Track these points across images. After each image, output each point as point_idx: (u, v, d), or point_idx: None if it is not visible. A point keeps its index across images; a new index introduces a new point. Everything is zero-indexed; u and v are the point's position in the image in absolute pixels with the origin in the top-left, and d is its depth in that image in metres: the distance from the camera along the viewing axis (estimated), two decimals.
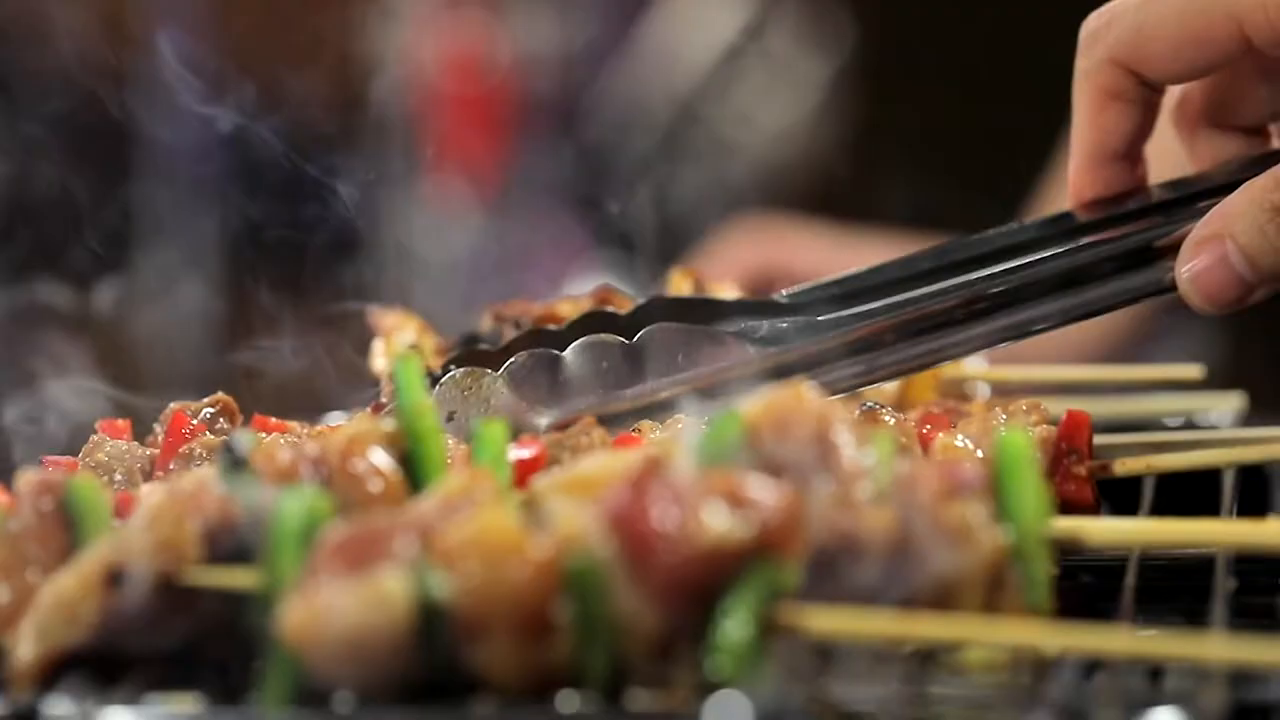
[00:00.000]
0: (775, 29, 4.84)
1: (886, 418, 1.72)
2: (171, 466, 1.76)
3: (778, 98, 4.81)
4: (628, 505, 1.38)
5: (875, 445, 1.50)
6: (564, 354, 1.85)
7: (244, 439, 1.56)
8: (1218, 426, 2.22)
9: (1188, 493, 1.90)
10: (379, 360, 2.05)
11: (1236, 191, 1.70)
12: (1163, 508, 1.89)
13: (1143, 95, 1.80)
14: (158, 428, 1.84)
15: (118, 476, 1.76)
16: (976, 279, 1.80)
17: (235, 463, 1.54)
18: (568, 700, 1.39)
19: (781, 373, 1.81)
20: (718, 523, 1.37)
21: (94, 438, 1.79)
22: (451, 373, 1.84)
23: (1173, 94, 1.84)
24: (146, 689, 1.46)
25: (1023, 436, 1.47)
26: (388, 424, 1.57)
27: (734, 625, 1.36)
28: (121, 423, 1.85)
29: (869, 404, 1.74)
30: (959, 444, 1.69)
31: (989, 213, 2.07)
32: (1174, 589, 1.67)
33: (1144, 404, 2.19)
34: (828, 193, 4.57)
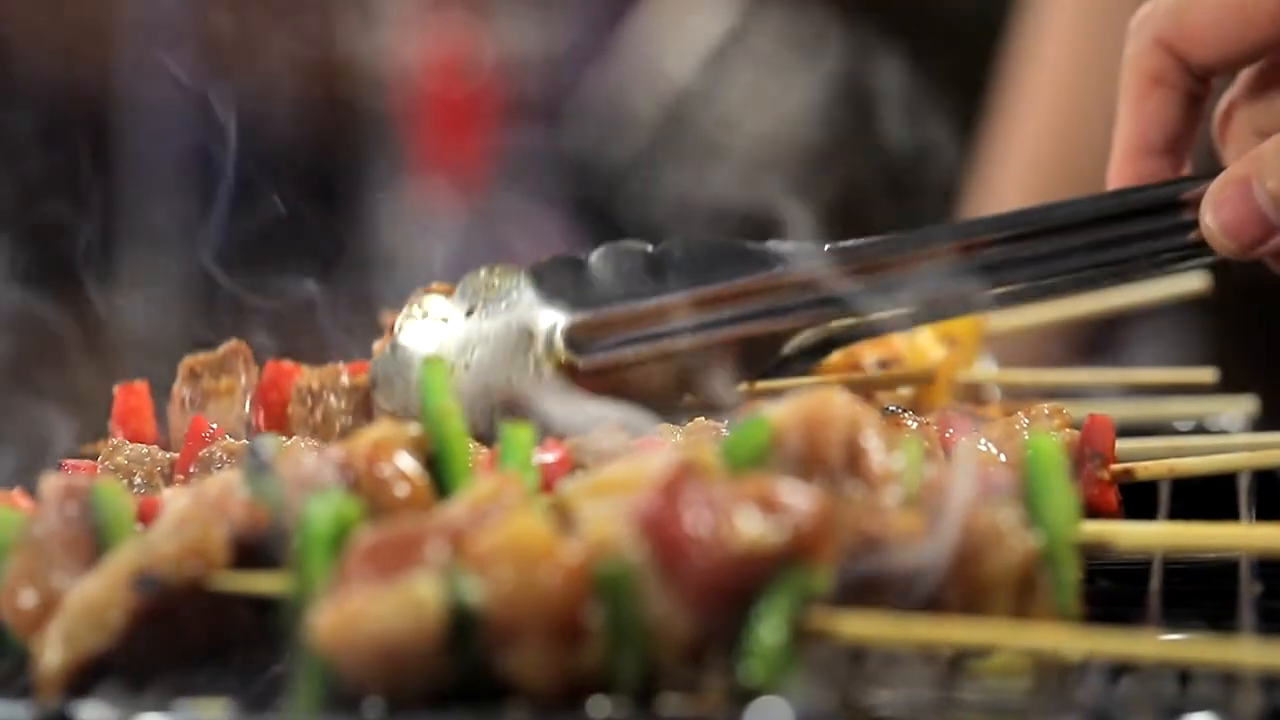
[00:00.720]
0: (760, 31, 4.85)
1: (909, 422, 1.71)
2: (192, 470, 1.75)
3: (762, 100, 4.82)
4: (660, 510, 1.38)
5: (904, 450, 1.50)
6: (589, 258, 1.86)
7: (268, 444, 1.55)
8: (1228, 431, 2.22)
9: (1203, 497, 1.90)
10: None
11: (1269, 140, 1.71)
12: (1179, 512, 1.89)
13: (1186, 84, 1.81)
14: (177, 386, 1.85)
15: (137, 480, 1.75)
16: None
17: (260, 467, 1.54)
18: (599, 706, 1.38)
19: (805, 288, 1.82)
20: (751, 528, 1.36)
21: (112, 441, 1.79)
22: (478, 270, 1.85)
23: (1218, 109, 1.85)
24: (174, 695, 1.45)
25: (1052, 441, 1.47)
26: (413, 428, 1.56)
27: (767, 630, 1.36)
28: (139, 384, 1.86)
29: (891, 408, 1.74)
30: (982, 448, 1.70)
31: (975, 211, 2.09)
32: (1197, 593, 1.67)
33: (1155, 408, 2.19)
34: (815, 195, 4.57)
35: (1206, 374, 2.12)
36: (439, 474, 1.56)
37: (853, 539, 1.43)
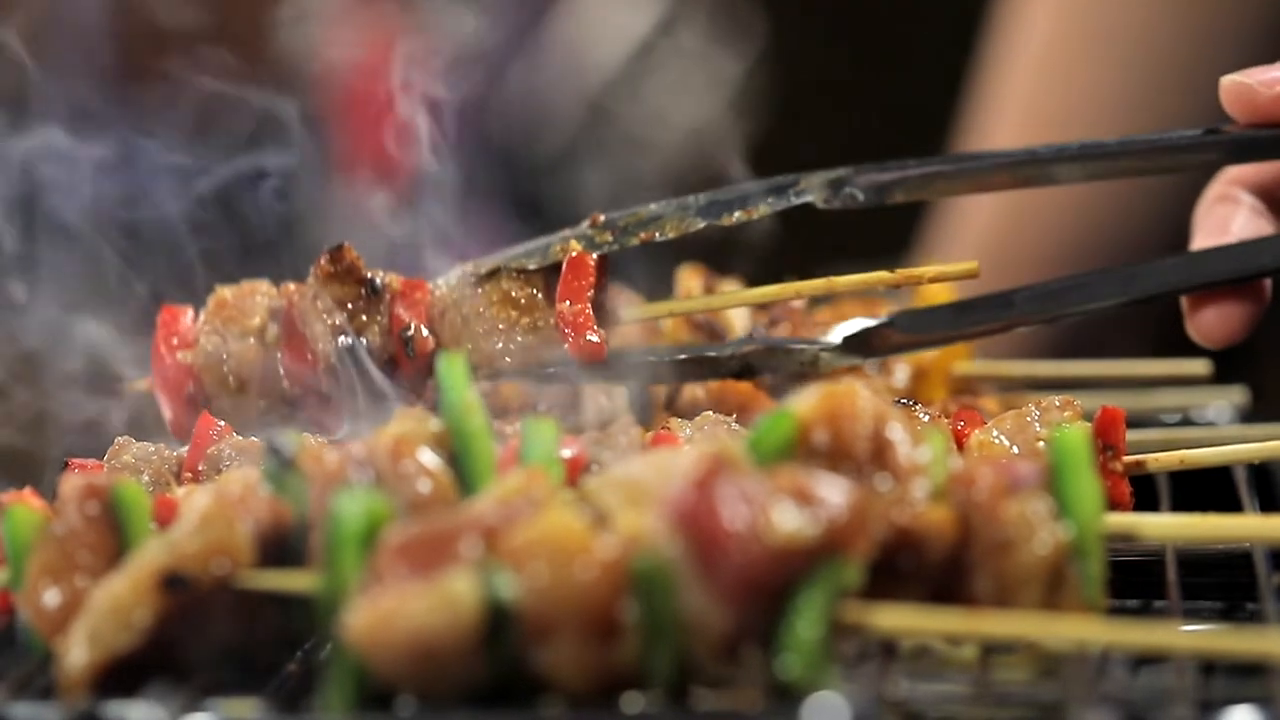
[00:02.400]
0: (687, 24, 4.84)
1: (921, 414, 1.71)
2: (201, 468, 1.74)
3: (689, 94, 4.81)
4: (695, 504, 1.37)
5: (930, 442, 1.50)
6: None
7: (288, 441, 1.54)
8: (1215, 423, 2.23)
9: (1200, 487, 1.91)
10: None
11: None
12: (1179, 503, 1.89)
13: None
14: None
15: (145, 478, 1.73)
16: None
17: (282, 464, 1.53)
18: (633, 701, 1.38)
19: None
20: (787, 521, 1.36)
21: (119, 440, 1.77)
22: None
23: None
24: (202, 694, 1.44)
25: (1079, 433, 1.47)
26: (434, 423, 1.56)
27: (805, 625, 1.36)
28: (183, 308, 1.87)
29: (902, 400, 1.74)
30: (995, 440, 1.70)
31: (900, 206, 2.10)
32: (1212, 585, 1.68)
33: (1143, 400, 2.20)
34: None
35: (1200, 366, 2.13)
36: (461, 469, 1.55)
37: (883, 531, 1.43)
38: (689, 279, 2.11)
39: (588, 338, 1.78)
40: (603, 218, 1.89)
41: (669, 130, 4.79)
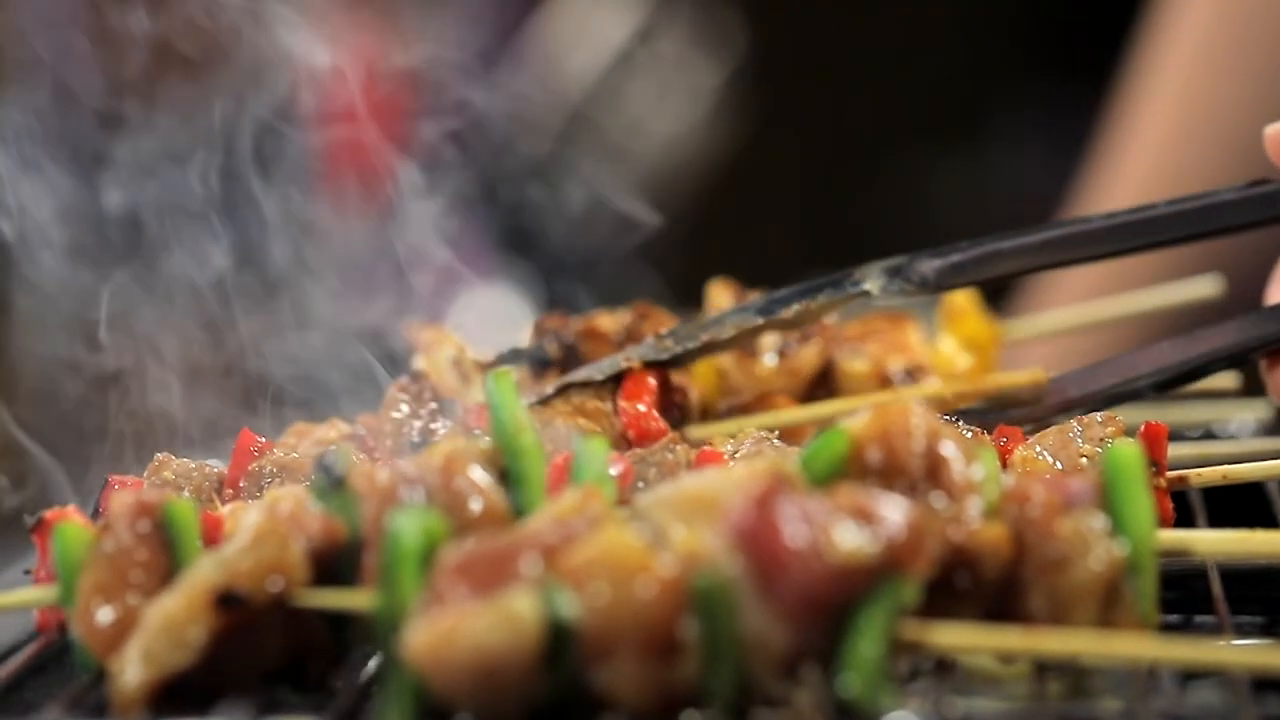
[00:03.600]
0: (666, 33, 4.84)
1: (964, 431, 1.71)
2: (242, 484, 1.73)
3: (669, 102, 4.82)
4: (756, 523, 1.37)
5: (983, 459, 1.50)
6: None
7: (338, 459, 1.53)
8: (1237, 436, 2.23)
9: (1228, 501, 1.91)
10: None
11: None
12: (1214, 517, 1.89)
13: None
14: None
15: (185, 495, 1.72)
16: None
17: (331, 482, 1.52)
18: (692, 719, 1.38)
19: None
20: (849, 540, 1.36)
21: (158, 457, 1.76)
22: None
23: None
24: (257, 714, 1.43)
25: (1133, 449, 1.47)
26: (484, 442, 1.55)
27: (865, 643, 1.36)
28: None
29: (945, 417, 1.74)
30: (1038, 456, 1.70)
31: (880, 216, 2.10)
32: (1254, 598, 1.68)
33: (1167, 413, 2.19)
34: (722, 196, 4.59)
35: (1229, 379, 2.12)
36: (511, 487, 1.54)
37: (940, 549, 1.43)
38: (718, 293, 2.11)
39: (650, 425, 1.83)
40: (665, 332, 1.90)
41: (648, 139, 4.80)
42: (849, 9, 4.71)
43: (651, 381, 1.88)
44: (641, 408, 1.84)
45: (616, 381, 1.89)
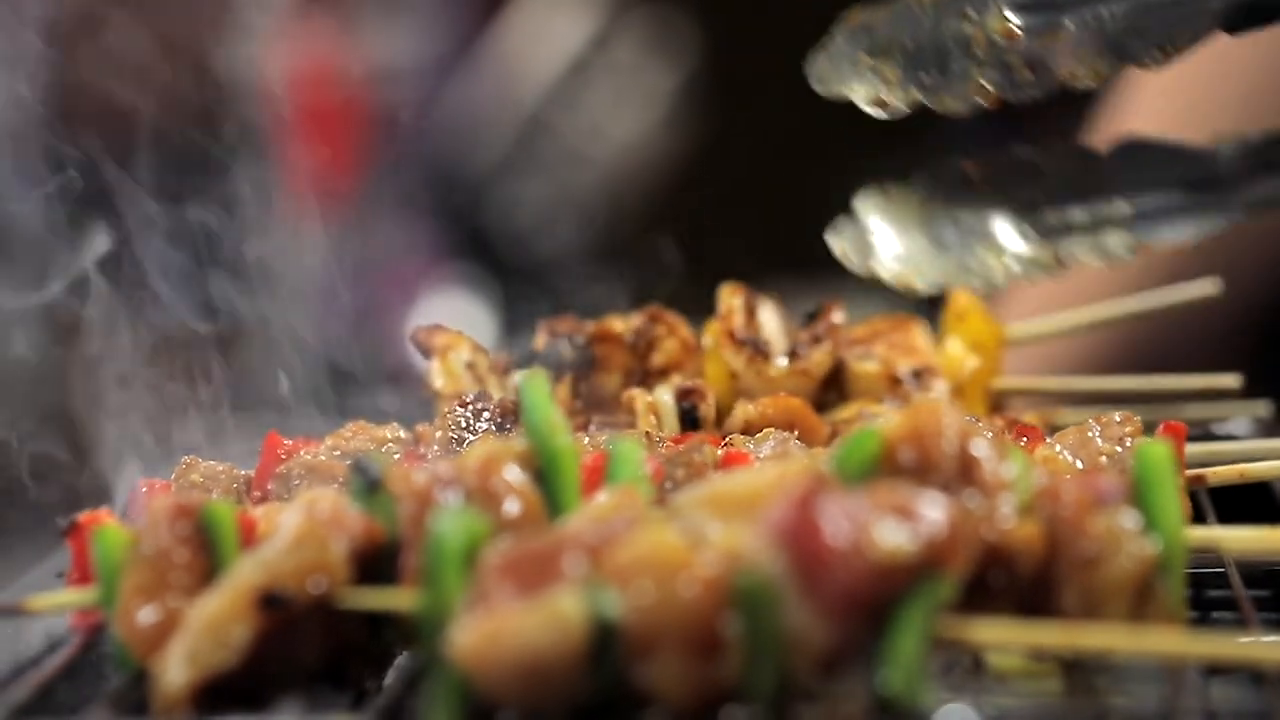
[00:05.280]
0: (622, 40, 4.86)
1: (984, 431, 1.73)
2: (270, 486, 1.74)
3: (625, 108, 4.83)
4: (797, 521, 1.39)
5: (1015, 458, 1.51)
6: None
7: (375, 461, 1.54)
8: (1235, 436, 2.25)
9: (1230, 499, 1.93)
10: (437, 380, 2.04)
11: None
12: (1224, 517, 1.91)
13: None
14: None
15: (213, 497, 1.73)
16: None
17: (369, 484, 1.53)
18: (734, 716, 1.39)
19: None
20: (890, 538, 1.37)
21: (185, 459, 1.77)
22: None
23: None
24: (301, 713, 1.44)
25: (1164, 447, 1.49)
26: (518, 442, 1.56)
27: (906, 640, 1.37)
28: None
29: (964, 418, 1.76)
30: (1059, 455, 1.72)
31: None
32: (1265, 598, 1.70)
33: (1167, 412, 2.21)
34: (678, 201, 4.61)
35: (1231, 380, 2.14)
36: (546, 487, 1.56)
37: (976, 547, 1.45)
38: (730, 297, 2.13)
39: None
40: None
41: (605, 143, 4.81)
42: (803, 13, 4.72)
43: None
44: None
45: None
